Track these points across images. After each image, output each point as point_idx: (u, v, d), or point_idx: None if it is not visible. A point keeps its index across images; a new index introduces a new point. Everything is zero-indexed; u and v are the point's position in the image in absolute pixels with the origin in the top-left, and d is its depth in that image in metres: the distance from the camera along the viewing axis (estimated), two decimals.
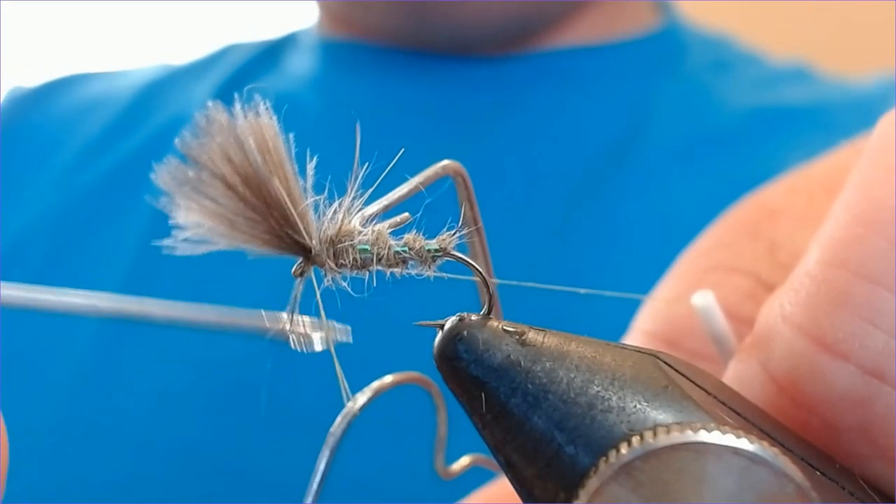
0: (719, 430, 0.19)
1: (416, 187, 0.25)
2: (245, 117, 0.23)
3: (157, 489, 0.58)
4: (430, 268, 0.24)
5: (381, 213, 0.25)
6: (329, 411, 0.24)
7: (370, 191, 0.24)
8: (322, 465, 0.24)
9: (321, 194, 0.24)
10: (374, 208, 0.24)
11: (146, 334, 0.63)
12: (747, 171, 0.55)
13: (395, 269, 0.24)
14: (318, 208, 0.24)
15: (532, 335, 0.21)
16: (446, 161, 0.25)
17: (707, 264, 0.32)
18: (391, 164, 0.24)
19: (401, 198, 0.25)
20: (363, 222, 0.24)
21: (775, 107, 0.72)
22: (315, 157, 0.23)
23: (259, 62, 0.80)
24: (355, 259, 0.24)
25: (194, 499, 0.57)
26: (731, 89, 0.74)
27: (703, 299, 0.28)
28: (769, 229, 0.32)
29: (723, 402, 0.21)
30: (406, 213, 0.25)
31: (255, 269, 0.60)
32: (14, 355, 0.63)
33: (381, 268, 0.24)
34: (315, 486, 0.24)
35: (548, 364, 0.21)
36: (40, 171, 0.74)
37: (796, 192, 0.33)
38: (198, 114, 0.22)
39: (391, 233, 0.24)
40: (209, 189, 0.23)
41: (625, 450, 0.19)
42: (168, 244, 0.23)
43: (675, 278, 0.33)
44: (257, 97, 0.23)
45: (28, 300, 0.25)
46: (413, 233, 0.24)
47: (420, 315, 0.23)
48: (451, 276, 0.24)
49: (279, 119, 0.23)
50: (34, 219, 0.71)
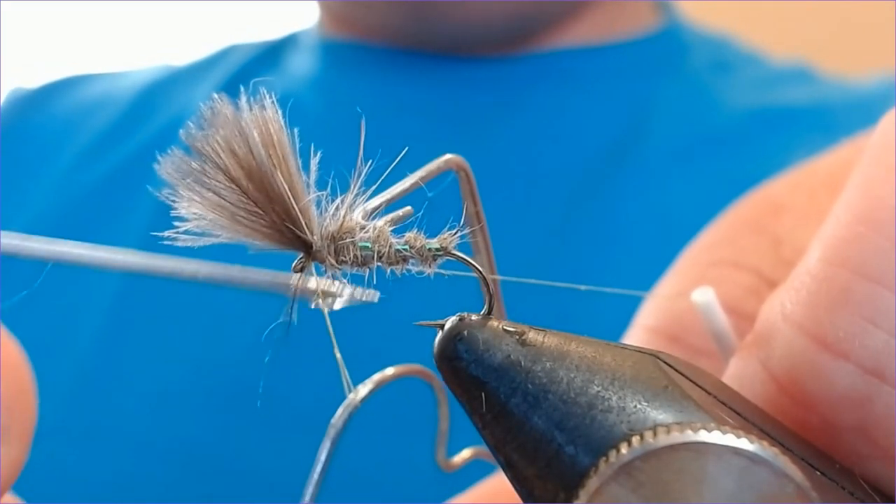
0: (719, 429, 0.19)
1: (418, 182, 0.25)
2: (250, 110, 0.23)
3: (157, 489, 0.58)
4: (430, 266, 0.24)
5: (384, 207, 0.24)
6: (329, 411, 0.24)
7: (372, 189, 0.24)
8: (323, 457, 0.24)
9: (324, 191, 0.24)
10: (376, 202, 0.24)
11: (146, 334, 0.63)
12: (747, 171, 0.55)
13: (396, 267, 0.24)
14: (320, 204, 0.24)
15: (532, 335, 0.21)
16: (449, 155, 0.25)
17: (710, 260, 0.32)
18: (393, 164, 0.24)
19: (403, 192, 0.25)
20: (365, 216, 0.24)
21: (776, 107, 0.72)
22: (317, 156, 0.23)
23: (260, 62, 0.80)
24: (356, 256, 0.24)
25: (194, 498, 0.57)
26: (732, 89, 0.74)
27: (703, 296, 0.28)
28: (772, 225, 0.32)
29: (723, 402, 0.21)
30: (409, 207, 0.25)
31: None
32: None
33: (381, 265, 0.24)
34: (316, 476, 0.24)
35: (548, 364, 0.21)
36: (41, 172, 0.74)
37: (799, 188, 0.33)
38: (203, 105, 0.22)
39: (393, 230, 0.24)
40: (212, 181, 0.23)
41: (625, 450, 0.19)
42: (169, 236, 0.23)
43: (678, 273, 0.33)
44: (263, 91, 0.23)
45: (50, 251, 0.24)
46: (414, 231, 0.24)
47: (423, 312, 0.23)
48: (453, 273, 0.24)
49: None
50: (35, 219, 0.70)
